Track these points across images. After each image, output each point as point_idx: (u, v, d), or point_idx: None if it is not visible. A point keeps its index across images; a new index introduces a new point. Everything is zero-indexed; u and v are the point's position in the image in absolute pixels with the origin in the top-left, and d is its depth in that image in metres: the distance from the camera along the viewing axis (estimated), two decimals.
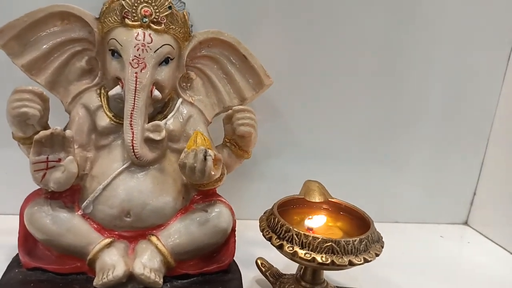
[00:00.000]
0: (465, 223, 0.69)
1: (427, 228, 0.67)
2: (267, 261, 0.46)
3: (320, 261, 0.35)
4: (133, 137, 0.40)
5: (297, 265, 0.47)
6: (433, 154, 0.66)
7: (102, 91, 0.44)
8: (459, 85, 0.62)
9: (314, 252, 0.36)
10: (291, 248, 0.36)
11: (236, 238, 0.44)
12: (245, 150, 0.47)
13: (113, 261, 0.38)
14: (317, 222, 0.41)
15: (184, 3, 0.45)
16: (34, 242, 0.41)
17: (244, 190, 0.61)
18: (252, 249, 0.49)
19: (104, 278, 0.37)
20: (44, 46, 0.43)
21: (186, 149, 0.39)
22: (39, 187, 0.41)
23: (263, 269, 0.46)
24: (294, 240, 0.37)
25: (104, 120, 0.42)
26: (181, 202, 0.42)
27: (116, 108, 0.43)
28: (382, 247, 0.39)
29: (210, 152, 0.39)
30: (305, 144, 0.62)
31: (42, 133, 0.37)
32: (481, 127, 0.65)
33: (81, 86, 0.44)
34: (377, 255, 0.37)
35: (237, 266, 0.44)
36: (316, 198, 0.45)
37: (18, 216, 0.44)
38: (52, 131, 0.37)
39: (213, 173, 0.39)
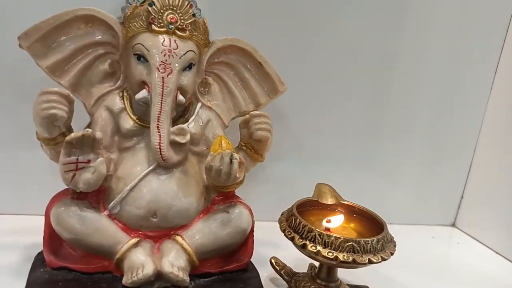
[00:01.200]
0: (453, 224, 0.73)
1: (419, 229, 0.70)
2: (280, 260, 0.48)
3: (342, 259, 0.38)
4: (160, 140, 0.41)
5: (306, 264, 0.50)
6: (423, 159, 0.69)
7: (125, 94, 0.45)
8: (448, 91, 0.66)
9: (336, 251, 0.38)
10: (314, 248, 0.39)
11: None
12: (260, 153, 0.49)
13: (142, 260, 0.39)
14: (335, 223, 0.43)
15: (200, 10, 0.47)
16: (59, 241, 0.41)
17: (250, 192, 0.62)
18: (262, 249, 0.51)
19: (134, 276, 0.38)
20: (68, 49, 0.43)
21: (212, 153, 0.41)
22: (66, 188, 0.42)
23: (278, 268, 0.48)
24: (316, 240, 0.39)
25: (128, 122, 0.43)
26: (203, 203, 0.44)
27: (139, 111, 0.44)
28: (395, 246, 0.42)
29: (235, 155, 0.40)
30: (306, 147, 0.64)
31: (74, 134, 0.38)
32: (469, 133, 0.70)
33: (104, 88, 0.45)
34: (391, 254, 0.40)
35: (253, 265, 0.46)
36: (329, 200, 0.47)
37: (32, 216, 0.45)
38: (83, 132, 0.38)
39: (238, 175, 0.41)
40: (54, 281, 0.39)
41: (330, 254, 0.38)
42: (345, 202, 0.47)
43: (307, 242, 0.39)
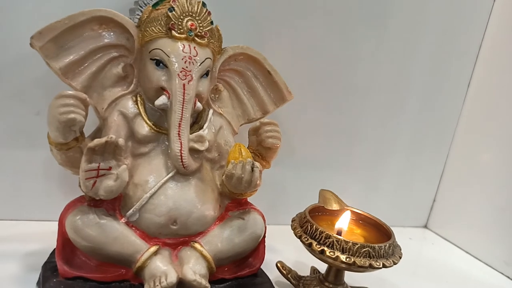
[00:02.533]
0: (425, 226, 0.79)
1: (395, 231, 0.75)
2: (285, 264, 0.50)
3: (360, 264, 0.40)
4: (181, 147, 0.41)
5: (304, 267, 0.52)
6: (400, 166, 0.74)
7: (138, 98, 0.44)
8: (423, 97, 0.71)
9: (353, 257, 0.40)
10: (332, 253, 0.40)
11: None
12: (267, 161, 0.50)
13: (164, 269, 0.39)
14: (344, 221, 0.45)
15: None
16: (71, 250, 0.40)
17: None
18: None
19: (157, 285, 0.37)
20: (82, 50, 0.42)
21: (233, 161, 0.41)
22: (81, 195, 0.40)
23: (285, 272, 0.49)
24: (334, 246, 0.41)
25: (144, 128, 0.43)
26: (218, 210, 0.44)
27: (154, 116, 0.44)
28: (401, 250, 0.44)
29: (256, 164, 0.41)
30: (297, 153, 0.66)
31: (97, 141, 0.37)
32: (442, 142, 0.75)
33: (116, 92, 0.44)
34: (400, 257, 0.43)
35: (263, 270, 0.47)
36: (333, 206, 0.49)
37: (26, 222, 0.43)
38: (107, 139, 0.37)
39: (258, 183, 0.42)
40: None
41: (348, 259, 0.40)
42: (348, 208, 0.49)
43: (325, 248, 0.41)
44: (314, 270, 0.51)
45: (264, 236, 0.46)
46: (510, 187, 0.64)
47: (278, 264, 0.50)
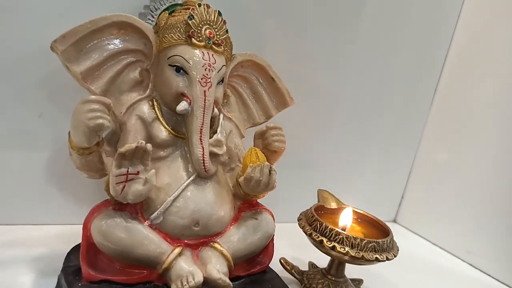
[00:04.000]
0: (394, 220, 0.85)
1: None
2: (288, 260, 0.53)
3: (367, 258, 0.44)
4: (203, 151, 0.42)
5: (304, 263, 0.56)
6: (370, 164, 0.80)
7: (155, 103, 0.45)
8: (392, 93, 0.76)
9: (362, 251, 0.44)
10: (343, 249, 0.44)
11: None
12: (271, 163, 0.52)
13: (190, 269, 0.40)
14: (346, 218, 0.50)
15: None
16: (95, 254, 0.40)
17: None
18: None
19: (185, 285, 0.39)
20: (101, 55, 0.42)
21: (251, 164, 0.43)
22: (105, 199, 0.41)
23: (288, 267, 0.52)
24: (344, 242, 0.45)
25: (162, 132, 0.44)
26: (233, 211, 0.46)
27: (171, 121, 0.45)
28: (397, 243, 0.49)
29: (273, 167, 0.44)
30: None
31: (128, 146, 0.37)
32: (410, 142, 0.82)
33: (134, 97, 0.44)
34: (398, 251, 0.48)
35: (270, 266, 0.50)
36: (332, 204, 0.54)
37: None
38: (137, 144, 0.38)
39: (275, 185, 0.44)
40: None
41: (357, 254, 0.44)
42: (346, 206, 0.54)
43: (336, 244, 0.45)
44: (312, 265, 0.55)
45: (273, 235, 0.49)
46: (471, 184, 0.72)
47: (282, 260, 0.53)
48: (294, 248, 0.59)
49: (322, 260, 0.54)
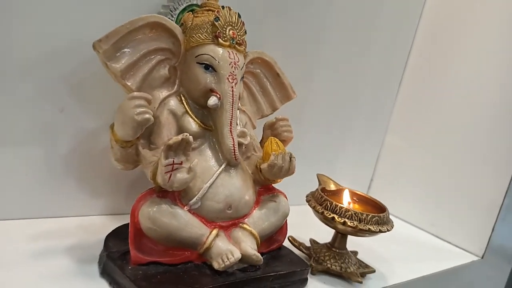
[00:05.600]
0: None
1: None
2: (295, 238, 0.59)
3: (373, 230, 0.51)
4: (233, 142, 0.47)
5: (304, 240, 0.62)
6: (341, 149, 0.88)
7: (183, 98, 0.48)
8: (359, 81, 0.83)
9: (368, 224, 0.52)
10: (352, 223, 0.51)
11: None
12: None
13: (228, 247, 0.45)
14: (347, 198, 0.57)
15: None
16: (140, 238, 0.43)
17: None
18: None
19: (226, 261, 0.44)
20: (137, 53, 0.45)
21: (274, 152, 0.49)
22: (149, 188, 0.44)
23: (296, 244, 0.58)
24: (353, 217, 0.52)
25: (193, 125, 0.47)
26: (255, 195, 0.51)
27: (198, 114, 0.49)
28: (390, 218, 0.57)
29: (293, 154, 0.49)
30: None
31: (175, 138, 0.41)
32: (378, 126, 0.92)
33: (164, 92, 0.47)
34: (393, 225, 0.55)
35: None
36: (331, 186, 0.60)
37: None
38: (183, 137, 0.41)
39: (294, 170, 0.50)
40: (152, 275, 0.42)
41: (364, 227, 0.51)
42: (345, 188, 0.61)
43: (346, 220, 0.51)
44: (313, 241, 0.62)
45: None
46: (432, 166, 0.83)
47: (290, 238, 0.59)
48: (292, 228, 0.65)
49: (319, 237, 0.61)
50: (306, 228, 0.62)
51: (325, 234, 0.61)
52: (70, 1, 0.49)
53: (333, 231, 0.57)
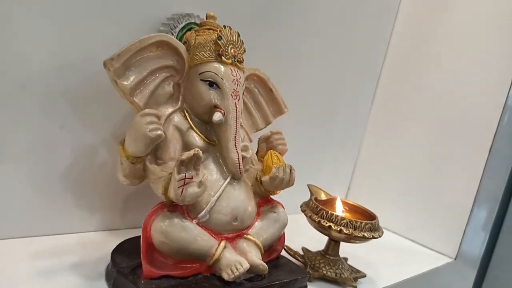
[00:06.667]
0: None
1: None
2: (290, 247, 0.62)
3: (367, 236, 0.55)
4: (238, 156, 0.49)
5: (300, 247, 0.64)
6: (326, 155, 0.92)
7: (186, 113, 0.50)
8: (335, 93, 0.87)
9: (362, 231, 0.55)
10: (348, 231, 0.54)
11: None
12: None
13: (236, 258, 0.46)
14: (339, 207, 0.60)
15: None
16: (152, 253, 0.44)
17: None
18: None
19: (236, 272, 0.45)
20: (144, 71, 0.46)
21: (275, 165, 0.51)
22: (160, 203, 0.45)
23: (292, 253, 0.61)
24: (348, 225, 0.55)
25: (198, 140, 0.49)
26: (256, 206, 0.53)
27: (202, 129, 0.50)
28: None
29: (293, 167, 0.52)
30: None
31: (188, 154, 0.42)
32: (355, 136, 0.96)
33: (169, 109, 0.49)
34: (383, 230, 0.59)
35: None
36: (322, 196, 0.63)
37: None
38: (194, 152, 0.43)
39: (294, 182, 0.52)
40: None
41: (359, 234, 0.54)
42: (332, 197, 0.64)
43: (342, 228, 0.54)
44: (306, 249, 0.64)
45: None
46: (411, 173, 0.88)
47: (286, 247, 0.61)
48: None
49: (308, 245, 0.64)
50: (294, 236, 0.65)
51: (313, 242, 0.64)
52: (72, 17, 0.49)
53: (322, 239, 0.60)
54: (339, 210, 0.61)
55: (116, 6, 0.51)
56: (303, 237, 0.67)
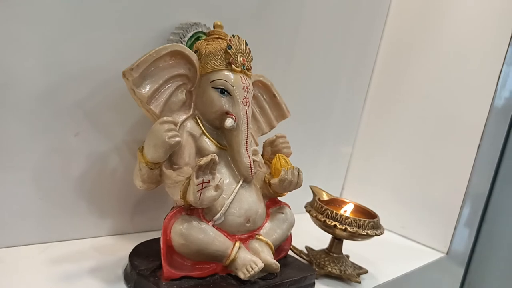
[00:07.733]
0: None
1: None
2: (295, 246, 0.64)
3: (371, 234, 0.57)
4: (250, 160, 0.51)
5: (302, 246, 0.67)
6: (320, 153, 0.95)
7: (198, 120, 0.52)
8: (328, 94, 0.90)
9: (366, 229, 0.58)
10: (352, 229, 0.57)
11: None
12: None
13: (251, 258, 0.48)
14: (349, 209, 0.62)
15: None
16: (171, 255, 0.46)
17: None
18: None
19: (251, 271, 0.47)
20: (160, 79, 0.48)
21: (284, 168, 0.53)
22: (178, 206, 0.47)
23: (297, 252, 0.63)
24: (353, 224, 0.57)
25: (211, 145, 0.51)
26: (265, 208, 0.55)
27: (213, 135, 0.52)
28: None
29: (300, 169, 0.54)
30: None
31: (206, 159, 0.44)
32: (348, 136, 0.99)
33: (182, 115, 0.50)
34: (384, 229, 0.62)
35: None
36: (325, 197, 0.66)
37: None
38: (212, 157, 0.45)
39: (301, 184, 0.55)
40: None
41: (363, 231, 0.57)
42: (333, 197, 0.67)
43: (347, 226, 0.57)
44: (309, 248, 0.67)
45: None
46: (405, 173, 0.92)
47: (291, 247, 0.63)
48: None
49: (311, 243, 0.66)
50: (296, 236, 0.67)
51: (314, 241, 0.67)
52: (84, 27, 0.50)
53: (322, 237, 0.63)
54: (343, 209, 0.63)
55: (126, 17, 0.53)
56: (304, 236, 0.69)
